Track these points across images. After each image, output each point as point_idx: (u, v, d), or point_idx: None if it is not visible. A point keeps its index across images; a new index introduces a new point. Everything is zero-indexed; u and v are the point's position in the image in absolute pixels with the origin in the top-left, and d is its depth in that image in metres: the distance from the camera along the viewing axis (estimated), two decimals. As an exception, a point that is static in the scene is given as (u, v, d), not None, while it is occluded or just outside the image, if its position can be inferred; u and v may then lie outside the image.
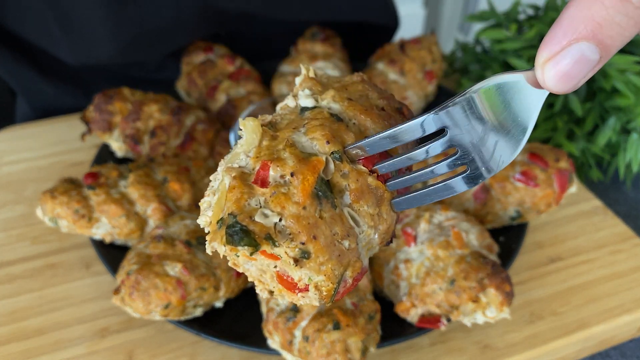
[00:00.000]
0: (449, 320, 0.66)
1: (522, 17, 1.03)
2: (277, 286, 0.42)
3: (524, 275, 0.78)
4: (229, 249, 0.39)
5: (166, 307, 0.65)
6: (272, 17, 1.06)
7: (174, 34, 1.01)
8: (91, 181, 0.75)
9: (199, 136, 0.87)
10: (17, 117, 1.18)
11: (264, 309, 0.67)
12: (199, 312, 0.68)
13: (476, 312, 0.65)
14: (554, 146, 0.91)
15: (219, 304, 0.70)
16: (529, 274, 0.78)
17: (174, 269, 0.65)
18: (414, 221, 0.71)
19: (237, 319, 0.70)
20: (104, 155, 0.91)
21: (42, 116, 1.11)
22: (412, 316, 0.67)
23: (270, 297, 0.43)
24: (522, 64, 0.93)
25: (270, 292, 0.43)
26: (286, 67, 1.02)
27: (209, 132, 0.88)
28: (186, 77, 1.01)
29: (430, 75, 1.00)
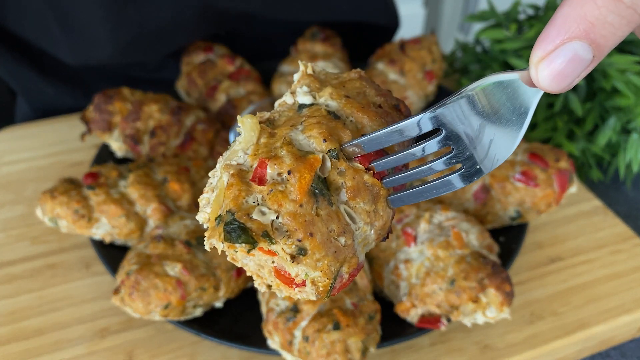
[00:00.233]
0: (449, 320, 0.66)
1: (522, 17, 1.03)
2: (275, 281, 0.42)
3: (524, 275, 0.78)
4: (227, 246, 0.39)
5: (166, 307, 0.65)
6: (272, 18, 1.06)
7: (173, 34, 1.01)
8: (91, 181, 0.75)
9: (199, 136, 0.87)
10: (17, 117, 1.18)
11: (264, 309, 0.67)
12: (198, 312, 0.68)
13: (476, 312, 0.65)
14: (554, 146, 0.91)
15: (218, 304, 0.70)
16: (529, 274, 0.78)
17: (174, 269, 0.65)
18: (414, 221, 0.71)
19: (237, 319, 0.70)
20: (104, 155, 0.91)
21: (42, 116, 1.11)
22: (412, 316, 0.67)
23: (268, 291, 0.44)
24: (522, 63, 0.93)
25: (268, 287, 0.43)
26: (286, 67, 1.02)
27: (209, 132, 0.88)
28: (186, 77, 1.01)
29: (430, 75, 1.00)
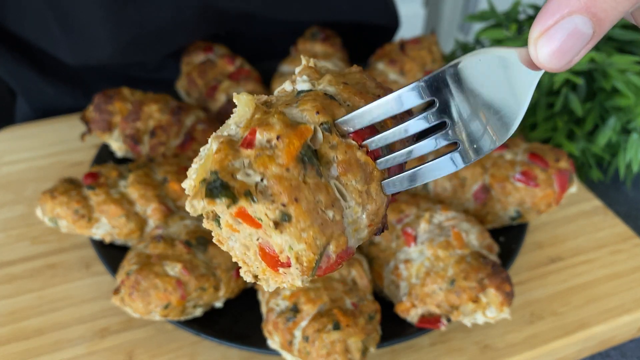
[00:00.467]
0: (449, 320, 0.66)
1: (522, 17, 1.03)
2: (261, 265, 0.41)
3: (524, 275, 0.78)
4: (207, 202, 0.38)
5: (166, 307, 0.65)
6: (272, 18, 1.06)
7: (173, 35, 1.01)
8: (91, 181, 0.75)
9: (199, 136, 0.87)
10: (17, 117, 1.18)
11: (264, 309, 0.67)
12: (198, 312, 0.68)
13: (476, 312, 0.65)
14: (554, 146, 0.91)
15: (218, 304, 0.69)
16: (529, 274, 0.78)
17: (174, 269, 0.65)
18: (414, 221, 0.71)
19: (237, 319, 0.70)
20: (104, 155, 0.91)
21: (42, 116, 1.11)
22: (412, 316, 0.67)
23: (254, 282, 0.43)
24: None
25: (254, 277, 0.42)
26: (286, 67, 1.01)
27: (209, 132, 0.88)
28: (186, 77, 1.01)
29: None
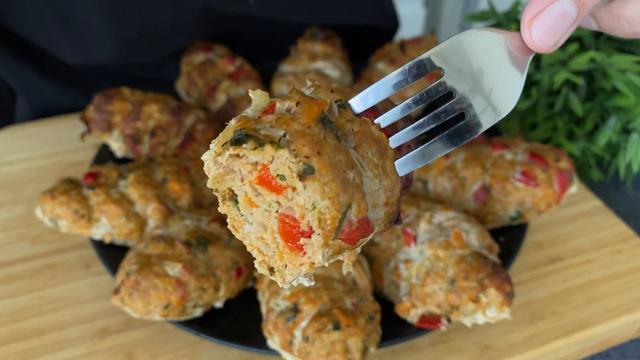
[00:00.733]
0: (449, 320, 0.66)
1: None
2: (278, 249, 0.41)
3: (524, 275, 0.78)
4: (233, 148, 0.38)
5: (166, 307, 0.65)
6: (272, 19, 1.06)
7: (174, 35, 1.01)
8: (91, 181, 0.75)
9: (199, 136, 0.87)
10: (17, 117, 1.18)
11: (263, 309, 0.67)
12: (198, 312, 0.68)
13: (476, 312, 0.65)
14: (554, 146, 0.91)
15: (218, 304, 0.69)
16: (529, 274, 0.78)
17: (174, 269, 0.65)
18: (414, 221, 0.71)
19: (237, 319, 0.70)
20: (104, 155, 0.90)
21: (42, 116, 1.11)
22: (412, 316, 0.67)
23: (269, 275, 0.42)
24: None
25: (270, 270, 0.42)
26: (286, 67, 1.01)
27: (209, 132, 0.88)
28: (186, 77, 1.01)
29: (430, 75, 1.00)
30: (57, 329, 0.71)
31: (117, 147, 0.88)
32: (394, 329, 0.67)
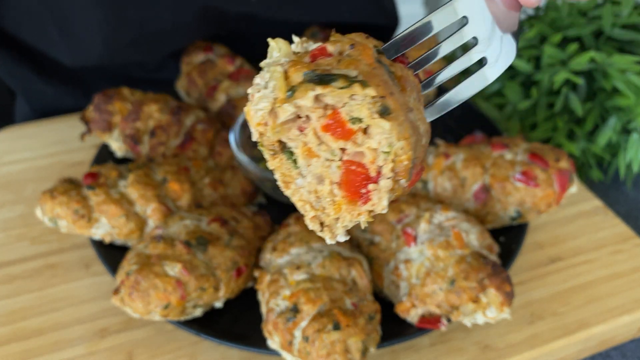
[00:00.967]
0: (449, 320, 0.66)
1: (522, 17, 1.03)
2: (335, 200, 0.39)
3: (524, 275, 0.78)
4: (321, 87, 0.36)
5: (166, 307, 0.65)
6: (272, 18, 1.06)
7: (174, 35, 1.01)
8: (91, 181, 0.75)
9: (199, 136, 0.87)
10: (17, 117, 1.18)
11: (263, 310, 0.67)
12: (198, 312, 0.68)
13: (476, 312, 0.65)
14: (554, 146, 0.91)
15: (218, 304, 0.69)
16: (529, 274, 0.78)
17: (174, 269, 0.65)
18: (414, 221, 0.71)
19: (237, 319, 0.70)
20: (104, 155, 0.90)
21: (42, 116, 1.11)
22: (412, 316, 0.67)
23: (319, 231, 0.40)
24: (522, 64, 0.93)
25: (321, 224, 0.40)
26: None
27: (209, 132, 0.88)
28: (186, 77, 1.01)
29: (430, 75, 0.99)
30: (57, 329, 0.71)
31: (117, 147, 0.88)
32: (394, 329, 0.67)
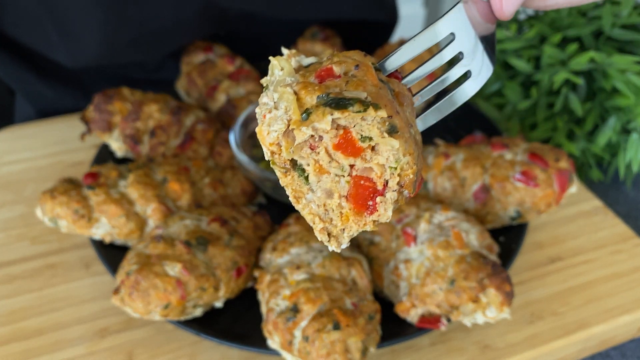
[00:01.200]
0: (449, 320, 0.66)
1: (522, 17, 1.03)
2: (343, 212, 0.42)
3: (524, 275, 0.78)
4: (339, 112, 0.38)
5: (166, 307, 0.65)
6: (272, 17, 1.06)
7: (173, 34, 1.01)
8: (91, 181, 0.75)
9: (199, 136, 0.87)
10: (17, 117, 1.18)
11: (263, 309, 0.67)
12: (198, 312, 0.68)
13: (476, 312, 0.65)
14: (554, 146, 0.91)
15: (218, 304, 0.69)
16: (529, 274, 0.78)
17: (174, 269, 0.65)
18: (414, 221, 0.71)
19: (237, 319, 0.70)
20: (104, 155, 0.90)
21: (42, 117, 1.11)
22: (412, 316, 0.67)
23: (327, 240, 0.43)
24: (522, 64, 0.93)
25: (329, 235, 0.43)
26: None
27: (209, 132, 0.88)
28: (186, 77, 1.01)
29: (430, 75, 0.99)
30: (57, 329, 0.71)
31: (117, 147, 0.88)
32: (394, 329, 0.67)
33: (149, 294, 0.64)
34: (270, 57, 0.43)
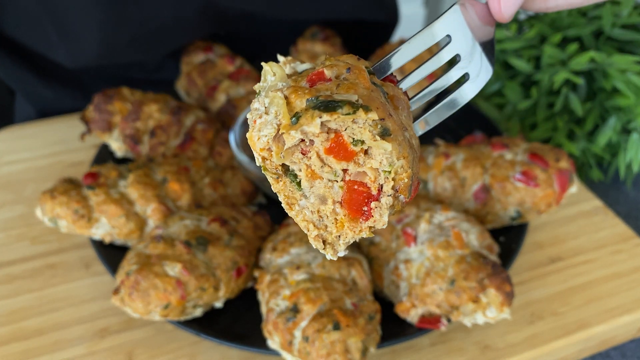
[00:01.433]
0: (449, 320, 0.66)
1: (522, 17, 1.03)
2: (338, 219, 0.41)
3: (524, 275, 0.78)
4: (329, 114, 0.37)
5: (166, 307, 0.65)
6: (272, 17, 1.06)
7: (173, 34, 1.01)
8: (91, 181, 0.75)
9: (199, 136, 0.87)
10: (17, 117, 1.18)
11: (263, 309, 0.67)
12: (198, 312, 0.68)
13: (476, 312, 0.65)
14: (555, 146, 0.91)
15: (218, 304, 0.69)
16: (529, 274, 0.78)
17: (174, 269, 0.65)
18: (414, 221, 0.71)
19: (236, 319, 0.70)
20: (104, 155, 0.90)
21: (42, 117, 1.11)
22: (412, 316, 0.67)
23: (322, 248, 0.42)
24: (522, 64, 0.93)
25: (324, 242, 0.42)
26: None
27: (209, 132, 0.88)
28: (186, 77, 1.01)
29: (430, 75, 0.99)
30: (57, 329, 0.71)
31: (117, 147, 0.88)
32: (394, 329, 0.67)
33: (149, 294, 0.64)
34: (262, 63, 0.42)
